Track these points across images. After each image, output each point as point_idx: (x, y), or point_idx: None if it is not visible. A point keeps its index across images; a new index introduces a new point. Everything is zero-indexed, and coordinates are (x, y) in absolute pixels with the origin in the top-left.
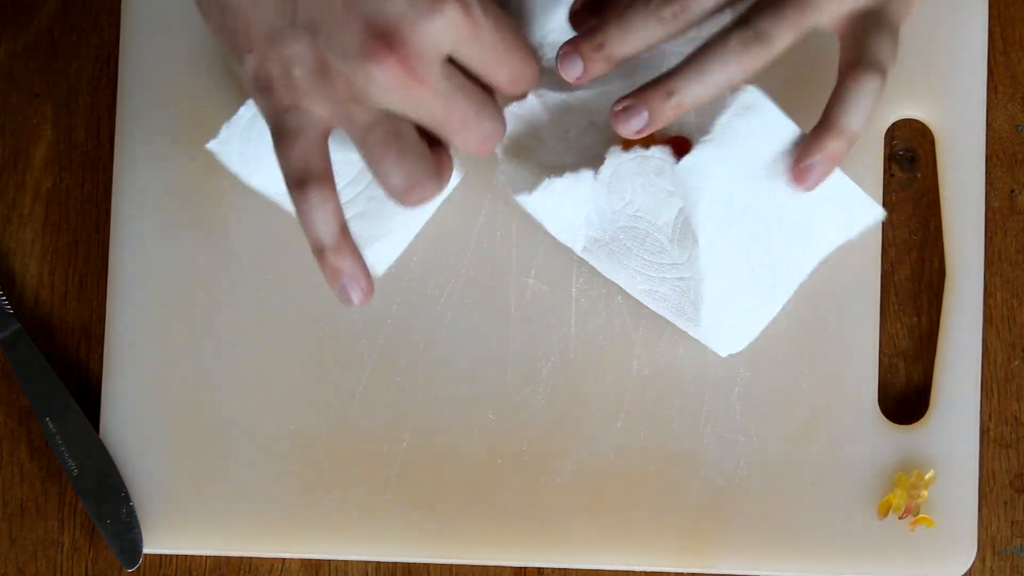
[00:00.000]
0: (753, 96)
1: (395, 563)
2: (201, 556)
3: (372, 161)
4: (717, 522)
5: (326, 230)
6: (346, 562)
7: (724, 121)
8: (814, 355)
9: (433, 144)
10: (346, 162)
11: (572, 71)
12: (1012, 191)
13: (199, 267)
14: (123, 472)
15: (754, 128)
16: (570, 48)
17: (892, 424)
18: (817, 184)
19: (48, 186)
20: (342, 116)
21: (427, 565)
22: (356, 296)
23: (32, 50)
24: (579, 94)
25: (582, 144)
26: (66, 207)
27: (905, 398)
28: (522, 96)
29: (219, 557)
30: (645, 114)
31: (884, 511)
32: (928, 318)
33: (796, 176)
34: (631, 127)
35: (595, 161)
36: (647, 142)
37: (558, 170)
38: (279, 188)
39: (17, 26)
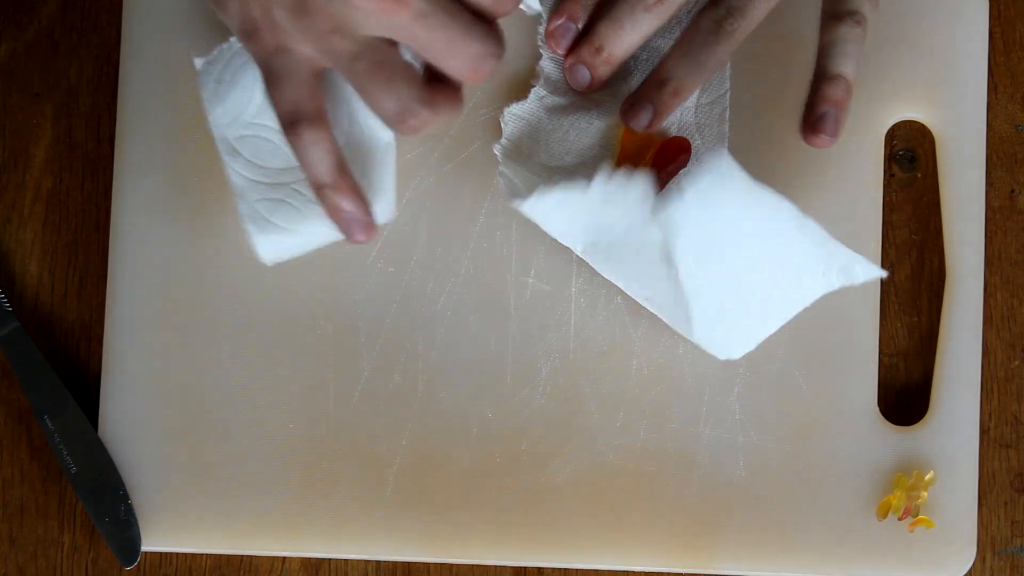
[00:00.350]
0: (725, 162)
1: (395, 563)
2: (201, 556)
3: (361, 91)
4: (716, 523)
5: (323, 168)
6: (346, 562)
7: (692, 181)
8: (814, 356)
9: (436, 79)
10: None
11: (581, 80)
12: (1012, 191)
13: (199, 267)
14: (122, 470)
15: (726, 193)
16: (574, 58)
17: (892, 425)
18: (834, 133)
19: (48, 186)
20: (327, 51)
21: (427, 565)
22: (359, 233)
23: (32, 50)
24: (575, 98)
25: (582, 145)
26: (66, 207)
27: (905, 399)
28: (523, 98)
29: (219, 557)
30: (650, 107)
31: (883, 512)
32: (928, 318)
33: (811, 130)
34: (641, 122)
35: (595, 162)
36: (647, 142)
37: (559, 171)
38: (230, 130)
39: (17, 26)
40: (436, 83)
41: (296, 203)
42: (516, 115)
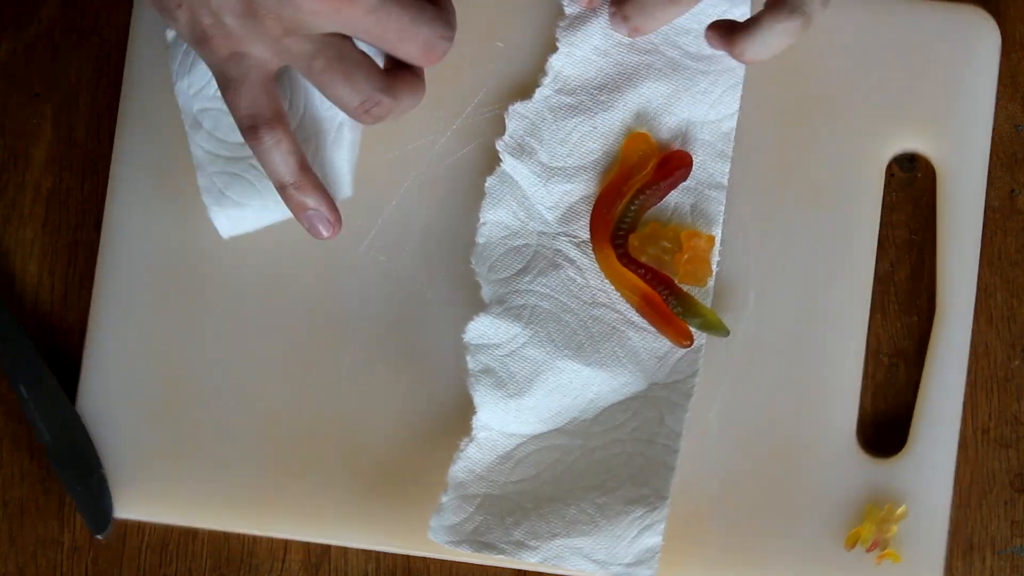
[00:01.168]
0: None
1: (395, 561)
2: (201, 556)
3: (322, 88)
4: (686, 537)
5: (285, 169)
6: (346, 560)
7: None
8: (796, 380)
9: (398, 66)
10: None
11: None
12: (1012, 191)
13: (185, 246)
14: (98, 442)
15: None
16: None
17: (868, 456)
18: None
19: (48, 186)
20: (282, 52)
21: (427, 563)
22: (324, 229)
23: (32, 50)
24: (583, 99)
25: (584, 148)
26: (66, 207)
27: (884, 428)
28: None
29: (219, 557)
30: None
31: (852, 542)
32: (928, 318)
33: (705, 33)
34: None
35: (596, 166)
36: (649, 152)
37: (559, 172)
38: (195, 102)
39: (17, 26)
40: (397, 70)
41: (251, 178)
42: (520, 113)
